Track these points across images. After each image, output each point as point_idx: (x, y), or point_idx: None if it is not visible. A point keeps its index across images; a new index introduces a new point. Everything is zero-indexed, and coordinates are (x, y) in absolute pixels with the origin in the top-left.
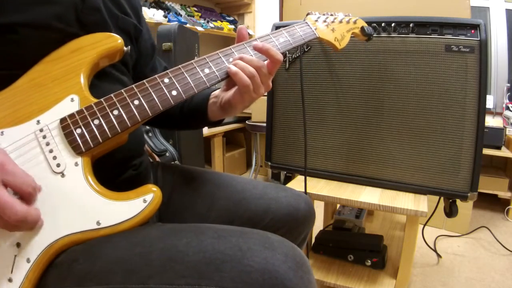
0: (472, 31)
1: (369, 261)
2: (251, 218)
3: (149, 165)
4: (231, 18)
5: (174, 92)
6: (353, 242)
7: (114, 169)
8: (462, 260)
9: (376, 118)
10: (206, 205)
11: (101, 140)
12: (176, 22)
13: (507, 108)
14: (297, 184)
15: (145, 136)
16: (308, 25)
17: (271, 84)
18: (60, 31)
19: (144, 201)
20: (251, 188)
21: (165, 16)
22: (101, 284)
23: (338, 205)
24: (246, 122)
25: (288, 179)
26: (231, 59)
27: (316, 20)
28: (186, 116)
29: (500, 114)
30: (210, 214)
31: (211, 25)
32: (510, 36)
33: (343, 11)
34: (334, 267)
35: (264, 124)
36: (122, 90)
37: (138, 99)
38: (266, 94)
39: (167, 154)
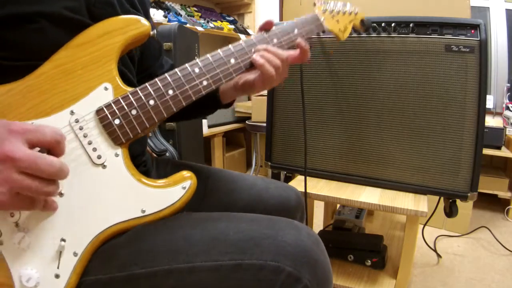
0: (472, 31)
1: (369, 261)
2: (244, 208)
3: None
4: (231, 18)
5: (204, 82)
6: (353, 242)
7: None
8: (462, 260)
9: (376, 118)
10: (198, 198)
11: (140, 131)
12: (176, 22)
13: (507, 108)
14: (297, 184)
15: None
16: (318, 16)
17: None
18: (73, 22)
19: (183, 188)
20: (241, 179)
21: (165, 16)
22: (146, 268)
23: (338, 205)
24: (246, 122)
25: (288, 179)
26: (253, 49)
27: (324, 11)
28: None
29: (500, 114)
30: (203, 206)
31: (211, 25)
32: (510, 36)
33: None
34: (334, 267)
35: (264, 124)
36: (157, 80)
37: (172, 88)
38: (265, 93)
39: (167, 154)
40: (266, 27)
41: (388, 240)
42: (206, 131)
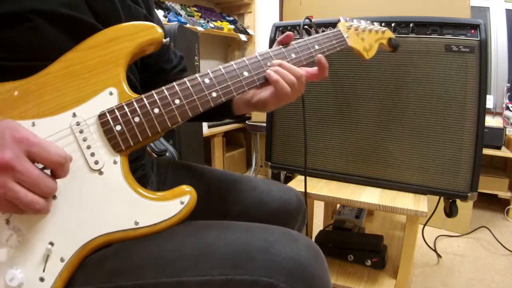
0: (472, 31)
1: (369, 261)
2: (244, 211)
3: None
4: (231, 18)
5: (214, 94)
6: (353, 242)
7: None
8: (462, 260)
9: (376, 118)
10: (199, 200)
11: (141, 139)
12: (176, 22)
13: (507, 108)
14: (297, 184)
15: None
16: (342, 33)
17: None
18: (72, 19)
19: (181, 202)
20: (242, 182)
21: (165, 16)
22: (132, 280)
23: (338, 205)
24: (246, 122)
25: (288, 179)
26: (268, 63)
27: (349, 28)
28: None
29: (500, 114)
30: (204, 208)
31: (211, 25)
32: (510, 36)
33: (343, 11)
34: (334, 267)
35: (264, 124)
36: (164, 88)
37: (179, 98)
38: None
39: (167, 154)
40: (285, 40)
41: (388, 240)
42: (206, 131)
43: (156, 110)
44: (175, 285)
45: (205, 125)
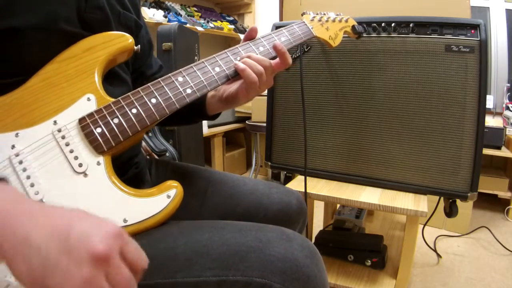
0: (472, 31)
1: (369, 261)
2: (243, 214)
3: (146, 162)
4: (231, 18)
5: (188, 90)
6: (353, 242)
7: (119, 169)
8: (462, 260)
9: (376, 118)
10: (198, 202)
11: (122, 139)
12: (176, 22)
13: (507, 108)
14: (297, 184)
15: (145, 136)
16: (306, 24)
17: (273, 81)
18: (64, 33)
19: (168, 196)
20: (241, 184)
21: (165, 16)
22: None
23: (338, 205)
24: (246, 122)
25: (288, 179)
26: (238, 58)
27: (312, 19)
28: (183, 109)
29: (500, 114)
30: (203, 211)
31: (211, 25)
32: (510, 36)
33: (343, 11)
34: (334, 267)
35: (264, 124)
36: (139, 89)
37: (155, 97)
38: (265, 93)
39: (167, 154)
40: (251, 34)
41: (388, 240)
42: (206, 131)
43: (134, 110)
44: (170, 286)
45: (205, 125)
